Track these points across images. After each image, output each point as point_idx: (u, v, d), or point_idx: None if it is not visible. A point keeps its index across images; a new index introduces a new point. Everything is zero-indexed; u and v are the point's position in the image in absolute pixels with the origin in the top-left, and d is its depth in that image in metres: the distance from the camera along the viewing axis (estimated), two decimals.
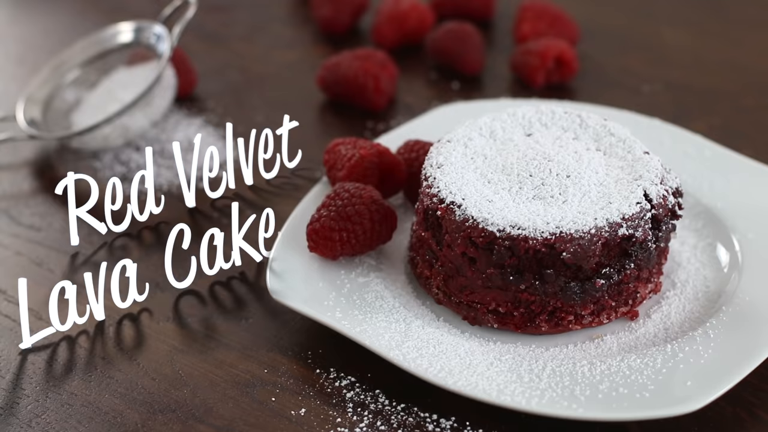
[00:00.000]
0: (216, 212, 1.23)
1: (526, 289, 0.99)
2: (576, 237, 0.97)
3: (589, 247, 0.97)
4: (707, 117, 1.37)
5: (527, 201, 1.01)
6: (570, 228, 0.97)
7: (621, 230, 0.98)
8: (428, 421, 0.97)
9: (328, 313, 1.02)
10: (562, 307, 1.00)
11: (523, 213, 0.99)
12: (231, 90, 1.45)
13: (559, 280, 0.98)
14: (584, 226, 0.98)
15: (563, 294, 0.99)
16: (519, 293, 0.99)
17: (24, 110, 1.32)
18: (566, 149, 1.06)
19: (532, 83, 1.41)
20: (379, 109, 1.38)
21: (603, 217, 0.98)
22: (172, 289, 1.12)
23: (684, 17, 1.60)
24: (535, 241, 0.97)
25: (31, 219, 1.23)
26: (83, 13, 1.63)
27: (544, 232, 0.97)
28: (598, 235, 0.98)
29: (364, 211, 1.07)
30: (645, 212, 1.00)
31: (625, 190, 1.01)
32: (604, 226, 0.98)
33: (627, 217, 0.99)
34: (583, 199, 1.01)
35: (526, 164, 1.04)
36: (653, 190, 1.01)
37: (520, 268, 0.98)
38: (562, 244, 0.97)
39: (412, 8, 1.50)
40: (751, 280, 1.06)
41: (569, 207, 1.00)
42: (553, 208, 0.99)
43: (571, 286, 0.99)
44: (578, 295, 0.99)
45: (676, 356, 0.98)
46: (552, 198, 1.01)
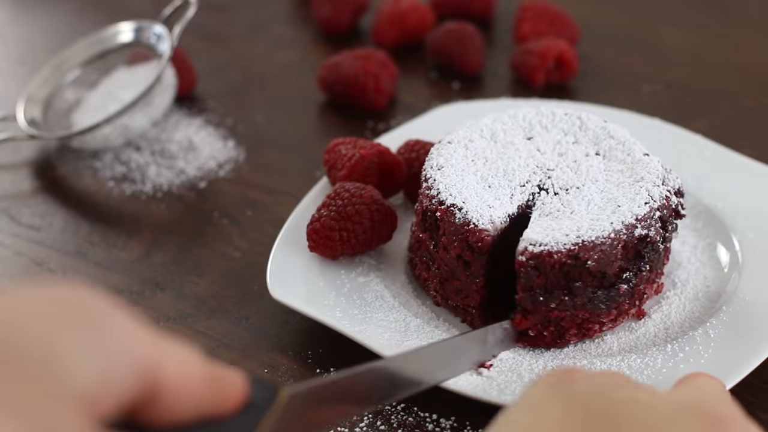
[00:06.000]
0: (216, 212, 1.23)
1: (557, 307, 0.98)
2: (598, 243, 0.96)
3: (611, 251, 0.96)
4: (707, 117, 1.37)
5: (538, 218, 1.00)
6: (590, 236, 0.96)
7: (636, 231, 0.98)
8: (428, 420, 0.97)
9: (328, 313, 1.02)
10: (590, 317, 0.99)
11: (536, 229, 0.98)
12: (231, 90, 1.45)
13: (586, 291, 0.97)
14: (603, 232, 0.97)
15: (591, 304, 0.98)
16: (549, 312, 0.98)
17: (24, 110, 1.32)
18: (566, 158, 1.05)
19: (532, 83, 1.41)
20: (380, 109, 1.38)
21: (618, 220, 0.98)
22: (172, 289, 1.12)
23: (684, 17, 1.60)
24: (560, 254, 0.95)
25: (31, 219, 1.23)
26: (83, 13, 1.63)
27: (566, 244, 0.96)
28: (618, 239, 0.97)
29: (364, 211, 1.07)
30: (653, 211, 0.99)
31: (630, 192, 1.01)
32: (621, 229, 0.97)
33: (639, 218, 0.98)
34: (589, 208, 1.00)
35: (528, 176, 1.04)
36: (656, 192, 1.01)
37: (548, 286, 0.97)
38: (585, 252, 0.96)
39: (412, 8, 1.50)
40: (751, 280, 1.06)
41: (579, 217, 0.99)
42: (564, 221, 0.99)
43: (598, 296, 0.98)
44: (605, 303, 0.98)
45: (676, 356, 0.98)
46: (558, 212, 1.00)
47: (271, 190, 1.26)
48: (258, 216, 1.22)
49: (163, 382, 0.56)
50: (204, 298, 1.11)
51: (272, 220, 1.19)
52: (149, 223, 1.22)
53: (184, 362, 0.58)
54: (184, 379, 0.57)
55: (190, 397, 0.58)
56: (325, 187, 1.16)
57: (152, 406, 0.57)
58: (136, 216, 1.24)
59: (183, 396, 0.57)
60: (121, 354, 0.55)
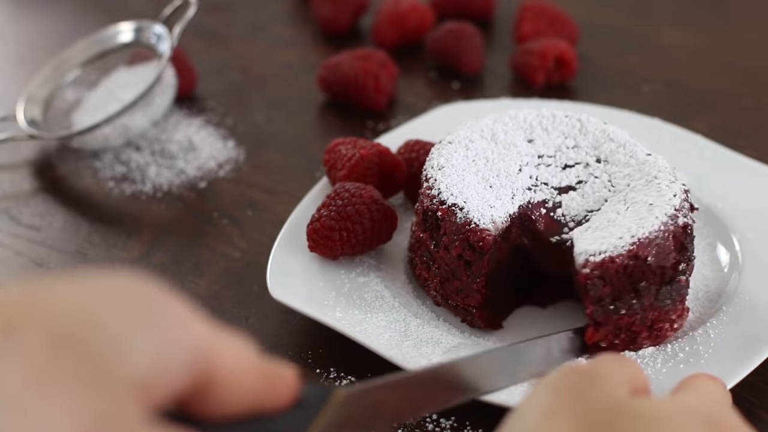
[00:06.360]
0: (216, 212, 1.23)
1: (627, 312, 0.97)
2: (652, 239, 0.95)
3: (665, 244, 0.96)
4: (707, 117, 1.37)
5: (580, 234, 0.99)
6: (643, 233, 0.96)
7: (680, 220, 0.98)
8: (428, 421, 0.97)
9: (328, 313, 1.02)
10: (659, 316, 0.98)
11: (586, 242, 0.97)
12: (231, 90, 1.45)
13: (651, 290, 0.97)
14: (653, 227, 0.96)
15: (659, 302, 0.97)
16: (619, 320, 0.97)
17: (24, 110, 1.32)
18: (569, 174, 1.05)
19: (533, 83, 1.41)
20: (380, 109, 1.38)
21: (661, 213, 0.97)
22: (172, 288, 1.12)
23: (684, 17, 1.60)
24: (621, 257, 0.95)
25: (31, 219, 1.23)
26: (83, 13, 1.63)
27: (624, 246, 0.95)
28: (667, 230, 0.97)
29: (364, 211, 1.07)
30: (683, 202, 0.99)
31: (652, 190, 1.00)
32: (667, 221, 0.97)
33: (677, 208, 0.98)
34: (626, 213, 0.99)
35: (529, 185, 1.04)
36: (675, 186, 1.01)
37: (615, 293, 0.96)
38: (644, 250, 0.95)
39: (412, 8, 1.50)
40: (751, 280, 1.06)
41: (620, 222, 0.98)
42: (609, 230, 0.98)
43: (663, 292, 0.97)
44: (670, 298, 0.98)
45: (676, 356, 0.98)
46: (598, 225, 0.99)
47: (271, 190, 1.26)
48: (258, 216, 1.22)
49: (217, 373, 0.56)
50: (204, 298, 1.11)
51: (272, 220, 1.19)
52: (149, 223, 1.22)
53: (239, 355, 0.58)
54: (238, 371, 0.57)
55: (244, 390, 0.57)
56: (325, 187, 1.16)
57: (205, 397, 0.56)
58: (136, 216, 1.24)
59: (236, 389, 0.57)
60: (176, 343, 0.55)
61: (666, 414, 0.66)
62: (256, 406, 0.59)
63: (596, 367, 0.68)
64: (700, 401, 0.70)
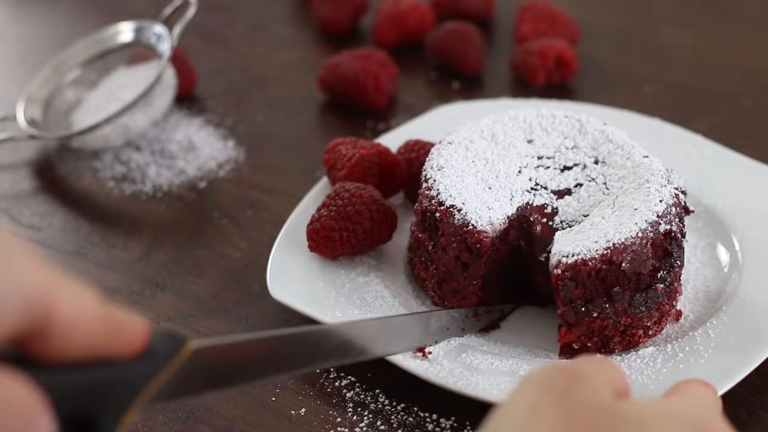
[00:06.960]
0: (216, 212, 1.23)
1: (598, 316, 0.97)
2: (628, 245, 0.96)
3: (642, 250, 0.96)
4: (707, 117, 1.37)
5: (561, 235, 0.99)
6: (619, 238, 0.96)
7: (661, 227, 0.98)
8: (428, 420, 0.97)
9: (328, 313, 1.02)
10: (632, 322, 0.98)
11: (563, 243, 0.97)
12: (231, 90, 1.45)
13: (625, 296, 0.97)
14: (630, 233, 0.96)
15: (632, 309, 0.97)
16: (592, 323, 0.98)
17: (24, 110, 1.32)
18: (567, 177, 1.05)
19: (533, 83, 1.41)
20: (379, 109, 1.38)
21: (641, 219, 0.97)
22: (172, 288, 1.12)
23: (684, 17, 1.60)
24: (594, 260, 0.95)
25: (31, 219, 1.23)
26: (83, 13, 1.63)
27: (598, 249, 0.95)
28: (645, 237, 0.97)
29: (364, 211, 1.07)
30: (670, 208, 0.99)
31: (640, 195, 1.00)
32: (647, 228, 0.97)
33: (660, 215, 0.98)
34: (609, 218, 0.99)
35: (528, 188, 1.04)
36: (664, 191, 1.01)
37: (587, 296, 0.97)
38: (618, 255, 0.95)
39: (412, 8, 1.50)
40: (751, 280, 1.06)
41: (601, 226, 0.98)
42: (587, 233, 0.98)
43: (637, 299, 0.97)
44: (645, 305, 0.98)
45: (676, 356, 0.98)
46: (579, 227, 1.00)
47: (271, 190, 1.26)
48: (258, 216, 1.22)
49: (53, 317, 0.57)
50: (204, 298, 1.11)
51: (272, 220, 1.19)
52: (149, 223, 1.22)
53: (79, 301, 0.58)
54: (76, 316, 0.58)
55: (82, 335, 0.58)
56: (325, 187, 1.16)
57: (42, 341, 0.57)
58: (136, 216, 1.24)
59: (74, 333, 0.58)
60: (9, 284, 0.55)
61: (650, 416, 0.66)
62: (98, 352, 0.59)
63: (580, 367, 0.68)
64: (687, 405, 0.69)
